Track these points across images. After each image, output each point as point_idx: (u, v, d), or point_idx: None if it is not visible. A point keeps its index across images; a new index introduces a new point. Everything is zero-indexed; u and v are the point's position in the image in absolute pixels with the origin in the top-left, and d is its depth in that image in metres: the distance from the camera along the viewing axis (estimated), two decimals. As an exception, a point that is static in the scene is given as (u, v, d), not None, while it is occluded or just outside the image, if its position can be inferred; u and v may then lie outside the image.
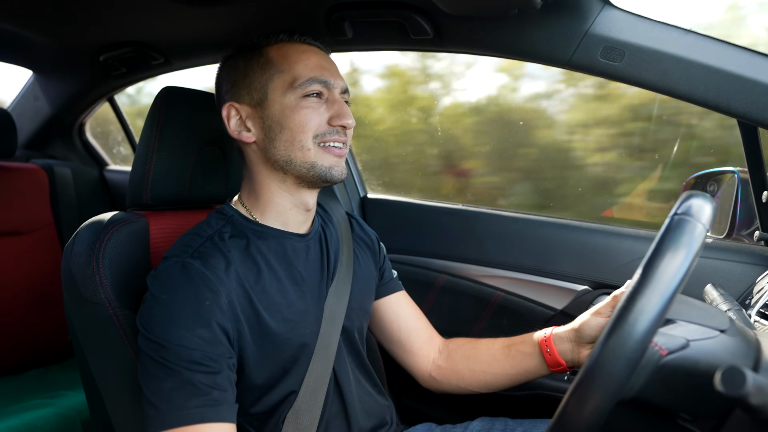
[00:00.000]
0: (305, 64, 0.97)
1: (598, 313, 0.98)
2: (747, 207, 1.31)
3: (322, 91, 0.97)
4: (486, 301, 1.58)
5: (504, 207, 1.69)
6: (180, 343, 0.81)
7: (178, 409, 0.80)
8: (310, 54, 0.99)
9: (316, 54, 1.00)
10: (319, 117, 0.96)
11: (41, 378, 1.85)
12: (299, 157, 0.96)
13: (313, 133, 0.96)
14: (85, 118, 2.44)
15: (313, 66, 0.97)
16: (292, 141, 0.96)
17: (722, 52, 1.04)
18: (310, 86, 0.96)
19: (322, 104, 0.97)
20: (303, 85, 0.95)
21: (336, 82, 0.99)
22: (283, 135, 0.96)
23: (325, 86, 0.97)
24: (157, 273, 0.89)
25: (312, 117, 0.96)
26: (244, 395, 0.94)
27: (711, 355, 0.73)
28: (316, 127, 0.96)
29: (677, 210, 0.67)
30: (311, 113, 0.96)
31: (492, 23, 1.20)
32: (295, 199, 1.01)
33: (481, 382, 1.15)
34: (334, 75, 0.99)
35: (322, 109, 0.97)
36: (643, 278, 0.64)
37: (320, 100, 0.97)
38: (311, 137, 0.96)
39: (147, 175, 1.09)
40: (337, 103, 0.98)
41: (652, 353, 0.72)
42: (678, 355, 0.73)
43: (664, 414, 0.81)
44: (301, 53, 0.99)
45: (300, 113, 0.95)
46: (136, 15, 1.52)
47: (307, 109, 0.96)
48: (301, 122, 0.95)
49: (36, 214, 1.99)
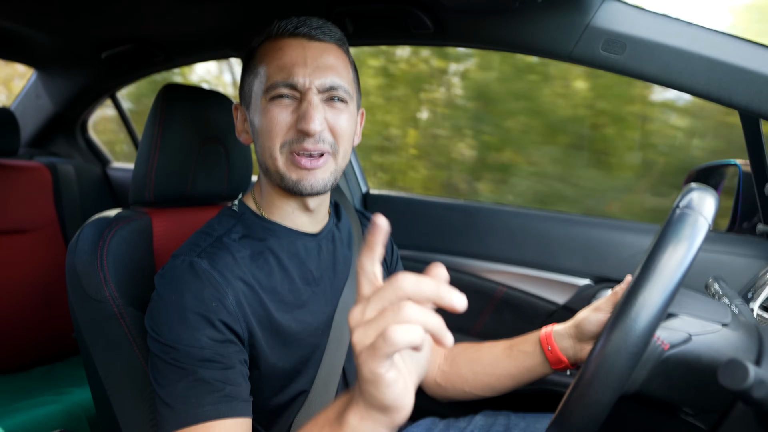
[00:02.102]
0: (276, 65, 0.90)
1: (598, 309, 0.97)
2: (749, 199, 1.30)
3: (288, 93, 0.89)
4: (488, 296, 1.58)
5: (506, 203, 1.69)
6: (190, 344, 0.81)
7: (194, 407, 0.79)
8: (285, 51, 0.90)
9: (295, 48, 0.90)
10: (284, 121, 0.89)
11: (47, 375, 1.86)
12: (271, 166, 0.91)
13: (280, 140, 0.89)
14: (88, 116, 2.45)
15: (283, 66, 0.89)
16: (263, 147, 0.92)
17: (724, 44, 1.04)
18: (276, 90, 0.89)
19: (291, 105, 0.89)
20: (269, 89, 0.89)
21: (309, 80, 0.88)
22: (259, 141, 0.93)
23: (291, 89, 0.89)
24: (164, 272, 0.88)
25: (276, 121, 0.89)
26: (254, 393, 0.94)
27: (713, 349, 0.73)
28: (283, 133, 0.89)
29: (679, 203, 0.67)
30: (276, 116, 0.89)
31: (493, 17, 1.20)
32: (293, 201, 0.97)
33: (485, 384, 1.14)
34: (311, 72, 0.89)
35: (288, 111, 0.89)
36: (645, 271, 0.64)
37: (291, 101, 0.89)
38: (278, 146, 0.89)
39: (150, 173, 1.09)
40: (304, 103, 0.88)
41: (655, 347, 0.72)
42: (680, 349, 0.73)
43: (666, 408, 0.82)
44: (276, 51, 0.91)
45: (266, 117, 0.90)
46: (138, 12, 1.52)
47: (272, 112, 0.89)
48: (267, 127, 0.89)
49: (39, 211, 1.99)
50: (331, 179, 0.94)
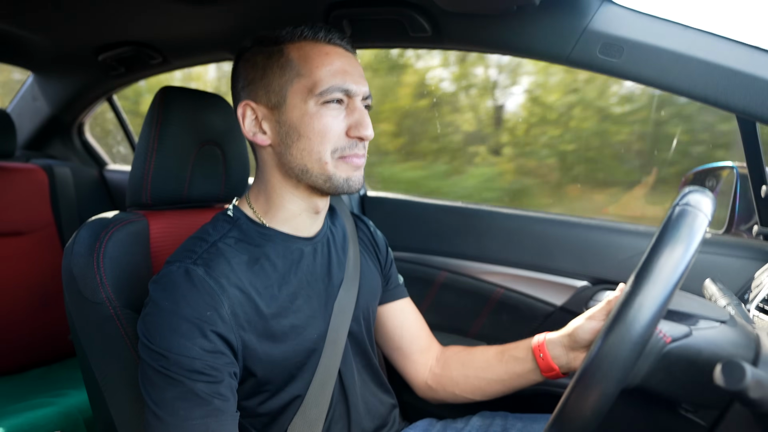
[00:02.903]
0: (328, 69, 0.91)
1: (591, 317, 0.97)
2: (746, 202, 1.31)
3: (343, 99, 0.93)
4: (486, 298, 1.58)
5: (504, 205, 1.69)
6: (181, 353, 0.80)
7: (182, 419, 0.79)
8: (333, 57, 0.93)
9: (340, 57, 0.94)
10: (338, 127, 0.92)
11: (43, 377, 1.85)
12: (316, 169, 0.92)
13: (332, 146, 0.91)
14: (85, 118, 2.45)
15: (336, 71, 0.91)
16: (309, 151, 0.91)
17: (721, 48, 1.04)
18: (331, 94, 0.90)
19: (342, 112, 0.93)
20: (324, 92, 0.90)
21: (358, 89, 0.93)
22: (301, 143, 0.92)
23: (346, 94, 0.92)
24: (159, 278, 0.87)
25: (331, 126, 0.91)
26: (249, 398, 0.94)
27: (713, 344, 0.74)
28: (335, 139, 0.91)
29: (678, 202, 0.68)
30: (331, 122, 0.91)
31: (491, 20, 1.20)
32: (306, 204, 0.98)
33: (476, 388, 1.14)
34: (357, 80, 0.93)
35: (341, 117, 0.92)
36: (647, 266, 0.65)
37: (341, 106, 0.93)
38: (329, 151, 0.91)
39: (146, 175, 1.09)
40: (357, 111, 0.93)
41: (657, 340, 0.73)
42: (681, 343, 0.73)
43: (666, 404, 0.82)
44: (324, 56, 0.93)
45: (319, 122, 0.91)
46: (135, 14, 1.52)
47: (327, 117, 0.91)
48: (320, 132, 0.91)
49: (36, 214, 1.99)
50: None
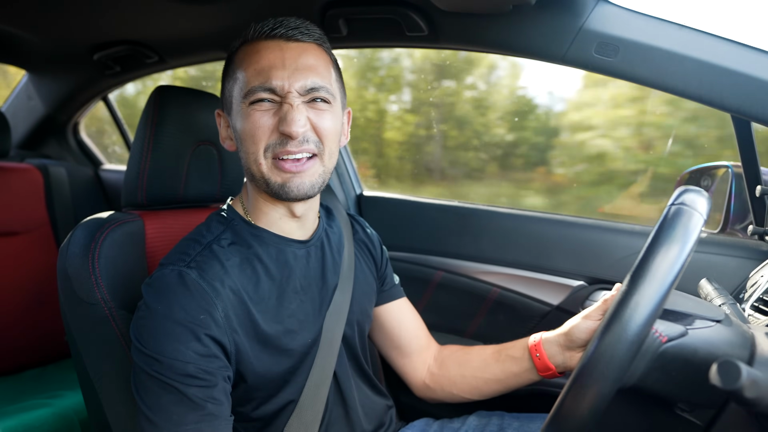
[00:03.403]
0: (254, 69, 0.88)
1: (587, 316, 0.97)
2: (741, 201, 1.31)
3: (272, 97, 0.88)
4: (482, 298, 1.58)
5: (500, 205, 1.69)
6: (174, 357, 0.79)
7: (176, 424, 0.79)
8: (262, 54, 0.89)
9: (273, 51, 0.89)
10: (266, 124, 0.88)
11: (38, 378, 1.84)
12: (255, 171, 0.90)
13: (264, 144, 0.88)
14: (80, 118, 2.44)
15: (260, 69, 0.88)
16: (247, 153, 0.90)
17: (716, 47, 1.04)
18: (255, 94, 0.87)
19: (272, 109, 0.88)
20: (248, 93, 0.88)
21: (287, 83, 0.87)
22: (242, 147, 0.91)
23: (270, 92, 0.88)
24: (152, 281, 0.86)
25: (258, 125, 0.87)
26: (242, 404, 0.94)
27: (709, 344, 0.74)
28: (266, 137, 0.88)
29: (674, 201, 0.68)
30: (257, 120, 0.88)
31: (487, 19, 1.20)
32: (280, 208, 0.96)
33: (473, 387, 1.15)
34: (290, 75, 0.87)
35: (269, 115, 0.88)
36: (643, 264, 0.65)
37: (271, 104, 0.88)
38: (262, 150, 0.88)
39: (142, 175, 1.08)
40: (284, 106, 0.87)
41: (653, 340, 0.73)
42: (677, 342, 0.74)
43: (662, 404, 0.82)
44: (253, 55, 0.90)
45: (247, 122, 0.88)
46: (130, 13, 1.52)
47: (253, 116, 0.88)
48: (250, 132, 0.88)
49: (31, 214, 1.98)
50: (319, 181, 0.93)
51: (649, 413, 0.92)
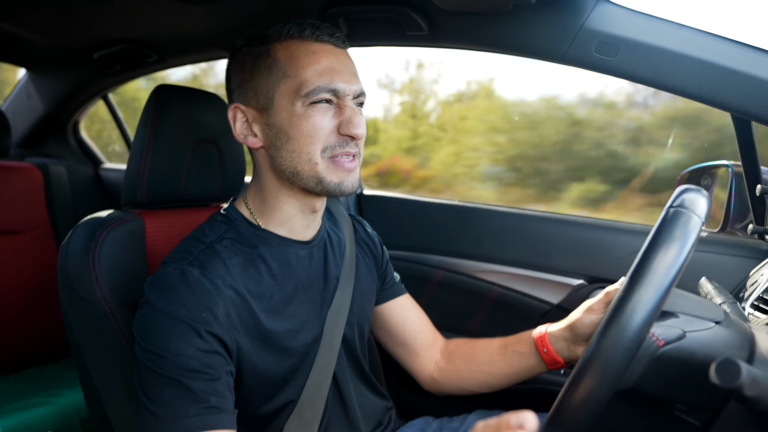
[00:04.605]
0: (314, 69, 0.89)
1: (590, 310, 0.97)
2: (741, 200, 1.31)
3: (332, 99, 0.91)
4: (482, 297, 1.58)
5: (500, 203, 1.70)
6: (177, 353, 0.80)
7: (179, 417, 0.79)
8: (320, 55, 0.91)
9: (328, 54, 0.92)
10: (327, 126, 0.90)
11: (39, 376, 1.84)
12: (306, 170, 0.91)
13: (322, 145, 0.89)
14: (80, 116, 2.44)
15: (323, 71, 0.89)
16: (299, 152, 0.90)
17: (716, 47, 1.04)
18: (318, 95, 0.89)
19: (331, 110, 0.91)
20: (310, 93, 0.88)
21: (348, 87, 0.91)
22: (290, 145, 0.90)
23: (334, 94, 0.90)
24: (154, 279, 0.87)
25: (320, 126, 0.89)
26: (243, 401, 0.94)
27: (707, 346, 0.74)
28: (325, 138, 0.90)
29: (672, 203, 0.68)
30: (319, 121, 0.89)
31: (487, 19, 1.20)
32: (302, 205, 0.97)
33: (481, 382, 1.15)
34: (347, 79, 0.91)
35: (329, 116, 0.90)
36: (640, 269, 0.65)
37: (330, 106, 0.91)
38: (319, 150, 0.89)
39: (142, 174, 1.08)
40: (347, 109, 0.91)
41: (650, 343, 0.73)
42: (675, 345, 0.74)
43: (660, 405, 0.82)
44: (310, 55, 0.90)
45: (307, 123, 0.89)
46: (130, 12, 1.52)
47: (315, 117, 0.89)
48: (309, 132, 0.89)
49: (31, 212, 1.98)
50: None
51: (647, 414, 0.93)
